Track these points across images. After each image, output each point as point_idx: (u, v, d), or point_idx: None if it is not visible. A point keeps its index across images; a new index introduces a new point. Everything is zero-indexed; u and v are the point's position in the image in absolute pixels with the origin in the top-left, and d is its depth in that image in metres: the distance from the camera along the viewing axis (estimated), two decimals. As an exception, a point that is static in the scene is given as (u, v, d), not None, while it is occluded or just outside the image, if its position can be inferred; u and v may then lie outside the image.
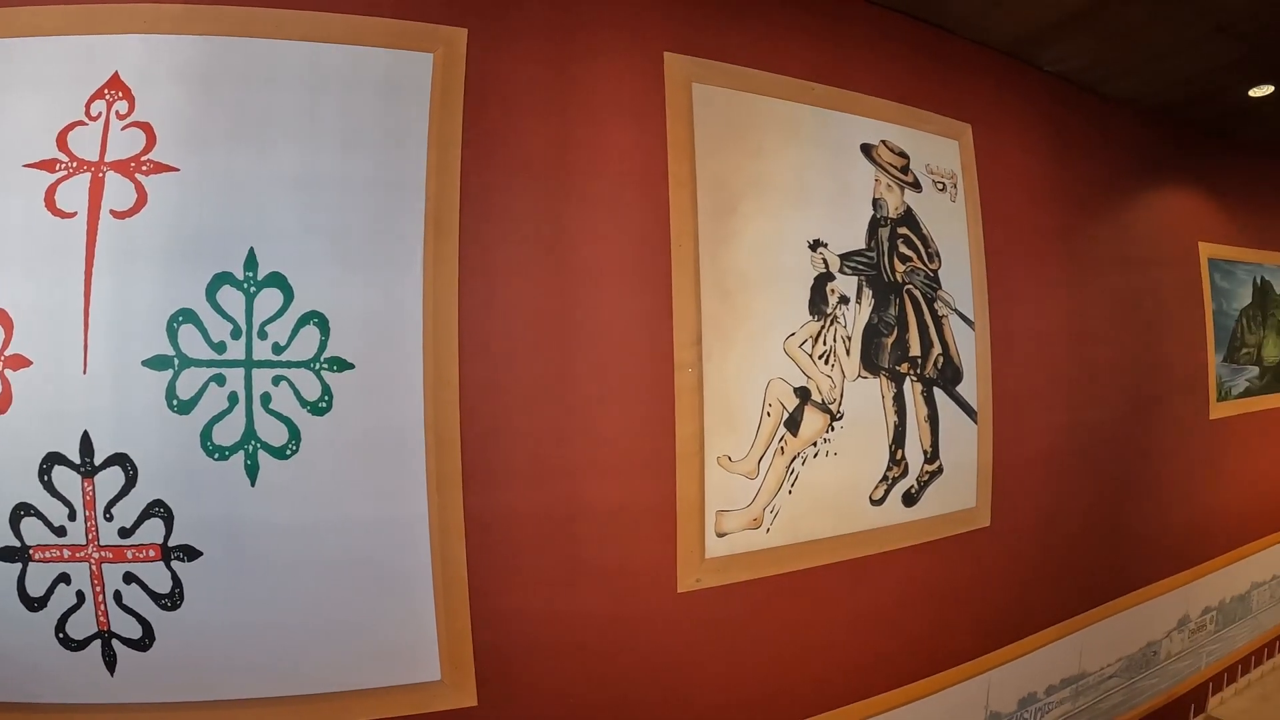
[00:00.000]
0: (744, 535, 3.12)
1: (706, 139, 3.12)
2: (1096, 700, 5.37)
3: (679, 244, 3.01)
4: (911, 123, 3.86)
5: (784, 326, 3.24)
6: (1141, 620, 5.65)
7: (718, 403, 3.01)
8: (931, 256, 3.77)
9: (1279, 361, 6.90)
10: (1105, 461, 5.05)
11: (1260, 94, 5.35)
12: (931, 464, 3.73)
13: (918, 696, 3.95)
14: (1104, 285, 5.03)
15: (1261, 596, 7.11)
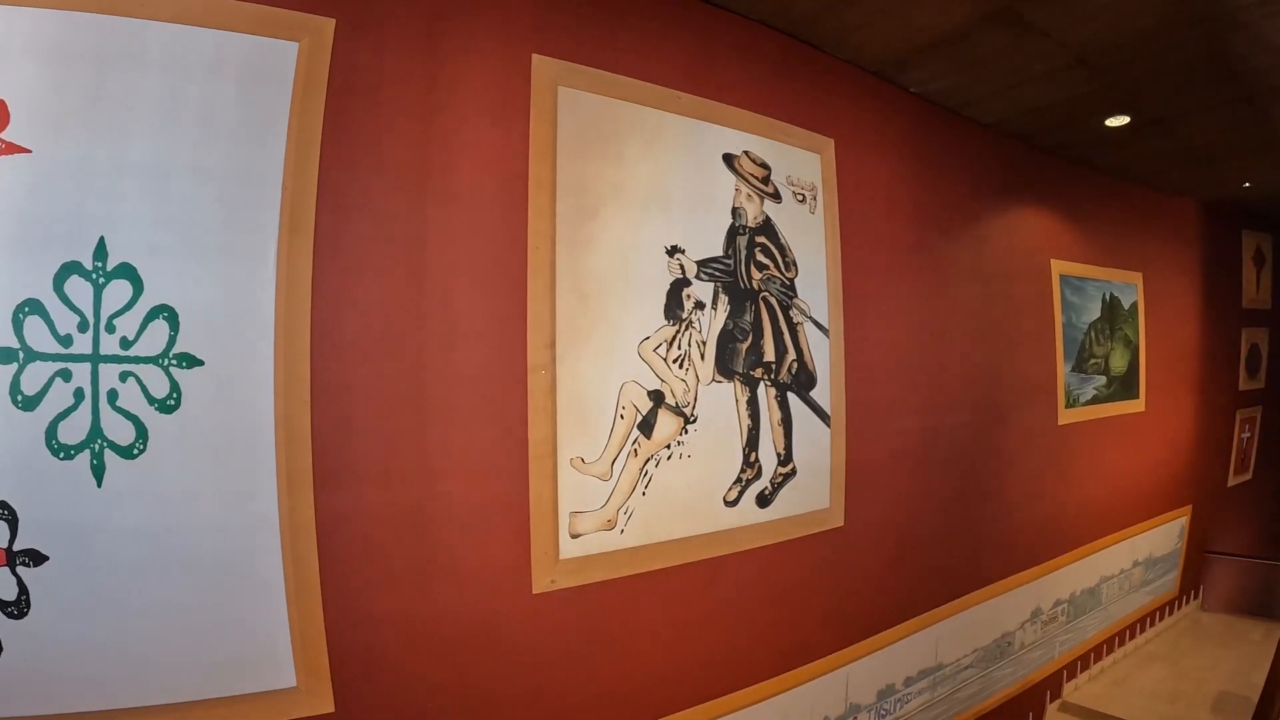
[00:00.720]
0: (598, 536, 3.22)
1: (570, 142, 3.19)
2: (954, 690, 5.75)
3: (536, 246, 3.06)
4: (775, 135, 4.05)
5: (639, 330, 3.34)
6: (995, 613, 6.08)
7: (572, 405, 3.10)
8: (789, 265, 3.97)
9: (1126, 371, 7.54)
10: (957, 464, 5.41)
11: (1116, 124, 5.82)
12: (785, 466, 3.93)
13: (778, 691, 4.16)
14: (958, 297, 5.37)
15: (1110, 589, 7.74)
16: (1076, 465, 6.93)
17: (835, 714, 4.62)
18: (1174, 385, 8.58)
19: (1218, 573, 10.08)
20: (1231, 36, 4.36)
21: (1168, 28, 4.21)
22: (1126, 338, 7.52)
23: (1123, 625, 8.21)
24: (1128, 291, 7.61)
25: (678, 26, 3.69)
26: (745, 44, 3.99)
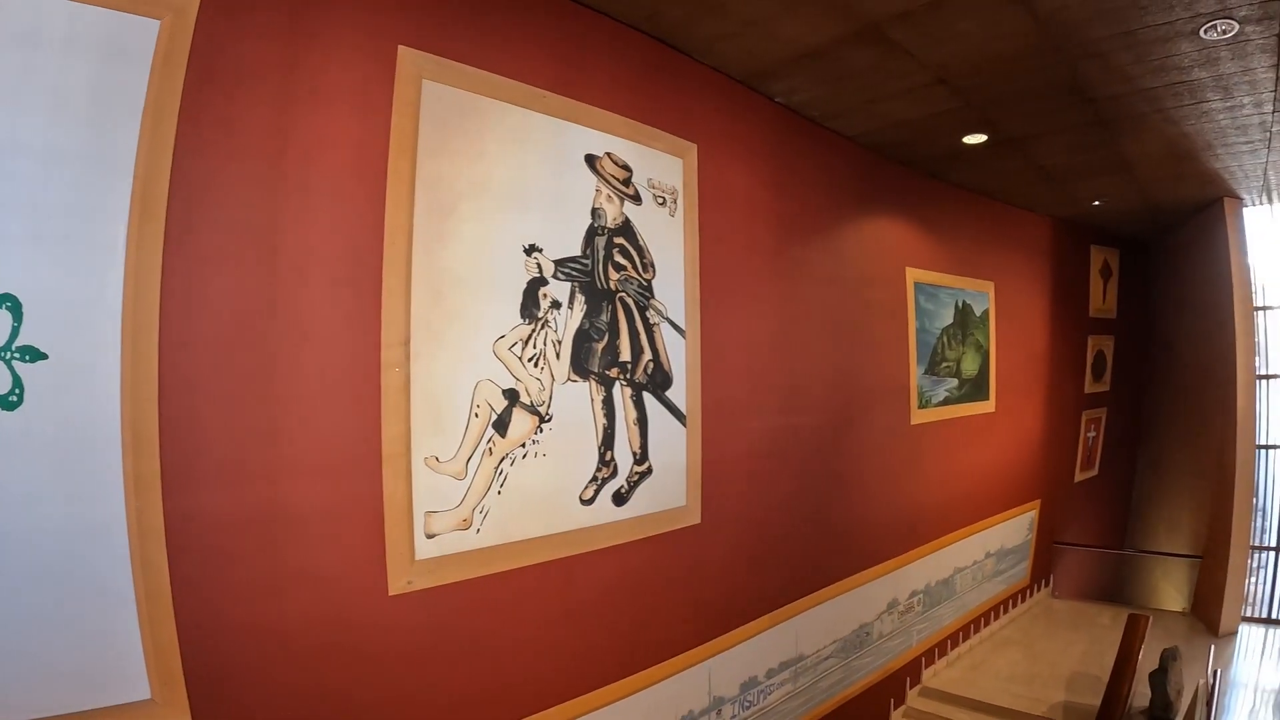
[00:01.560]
0: (454, 536, 3.28)
1: (431, 137, 3.22)
2: (816, 680, 6.11)
3: (392, 242, 3.08)
4: (639, 138, 4.21)
5: (495, 329, 3.41)
6: (854, 605, 6.48)
7: (425, 403, 3.14)
8: (646, 267, 4.16)
9: (977, 374, 8.13)
10: (814, 462, 5.74)
11: (973, 141, 6.31)
12: (641, 465, 4.12)
13: (642, 687, 4.36)
14: (816, 302, 5.71)
15: (964, 579, 8.31)
16: (929, 463, 7.42)
17: (699, 708, 4.86)
18: (1024, 388, 9.27)
19: (1067, 562, 10.94)
20: (1085, 65, 4.79)
21: (1025, 54, 4.61)
22: (978, 342, 8.11)
23: (977, 613, 8.80)
24: (980, 299, 8.19)
25: (549, 26, 3.80)
26: (615, 47, 4.14)
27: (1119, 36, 4.37)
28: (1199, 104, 5.51)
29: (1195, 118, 5.83)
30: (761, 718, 5.54)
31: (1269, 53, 4.59)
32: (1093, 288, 10.95)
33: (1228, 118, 5.84)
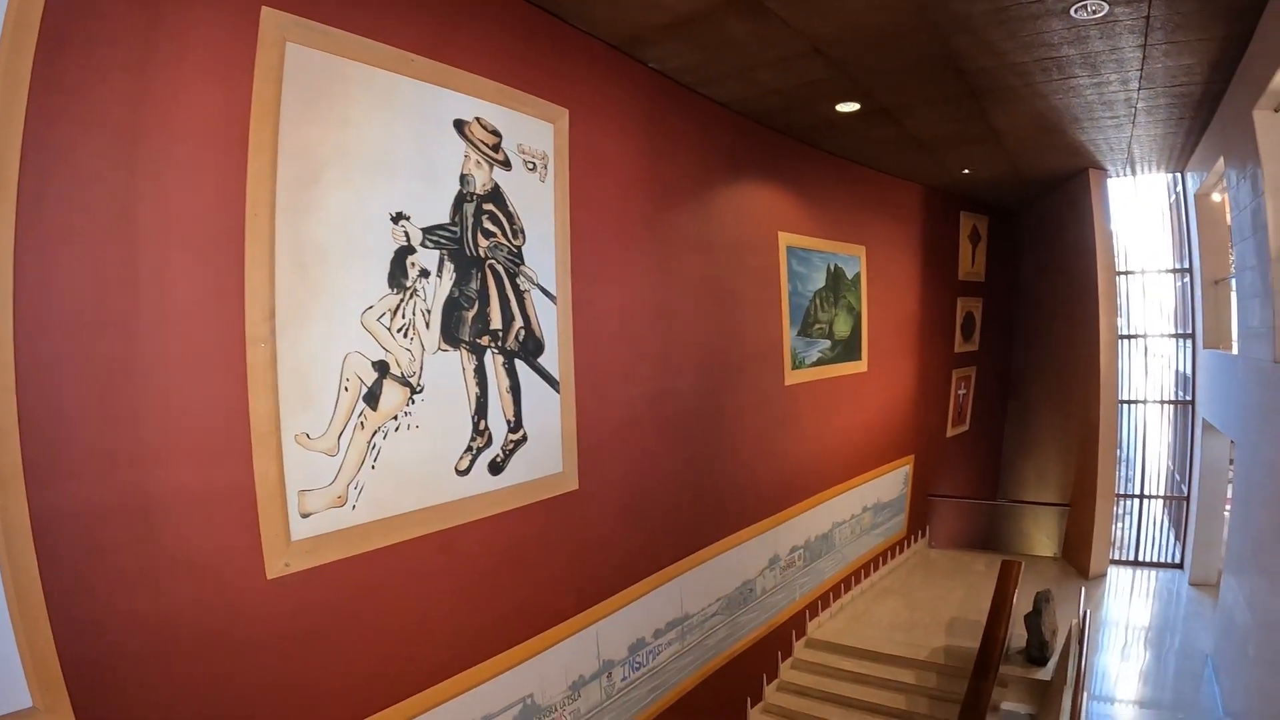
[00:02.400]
0: (330, 514, 3.30)
1: (295, 104, 3.15)
2: (703, 638, 6.44)
3: (255, 214, 3.02)
4: (509, 103, 4.23)
5: (362, 300, 3.40)
6: (735, 563, 6.82)
7: (293, 379, 3.12)
8: (516, 233, 4.21)
9: (849, 335, 8.56)
10: (690, 424, 5.98)
11: (847, 110, 6.59)
12: (516, 433, 4.21)
13: (530, 655, 4.52)
14: (689, 267, 5.91)
15: (843, 533, 8.79)
16: (804, 422, 7.80)
17: (589, 672, 5.08)
18: (895, 348, 9.79)
19: (942, 513, 11.69)
20: (958, 39, 5.06)
21: (899, 27, 4.83)
22: (850, 305, 8.53)
23: (858, 565, 9.34)
24: (852, 263, 8.60)
25: (416, -14, 3.70)
26: (486, 10, 4.13)
27: (992, 12, 4.63)
28: (1067, 79, 5.91)
29: (1063, 93, 6.26)
30: (651, 678, 5.81)
31: (1136, 33, 4.94)
32: (962, 252, 11.63)
33: (1095, 93, 6.28)
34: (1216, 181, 8.24)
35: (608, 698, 5.33)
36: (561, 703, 4.86)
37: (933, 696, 7.41)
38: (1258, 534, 6.63)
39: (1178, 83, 6.04)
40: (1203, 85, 6.10)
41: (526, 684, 4.55)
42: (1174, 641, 9.08)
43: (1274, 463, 6.09)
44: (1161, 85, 6.09)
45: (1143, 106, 6.68)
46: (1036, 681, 7.17)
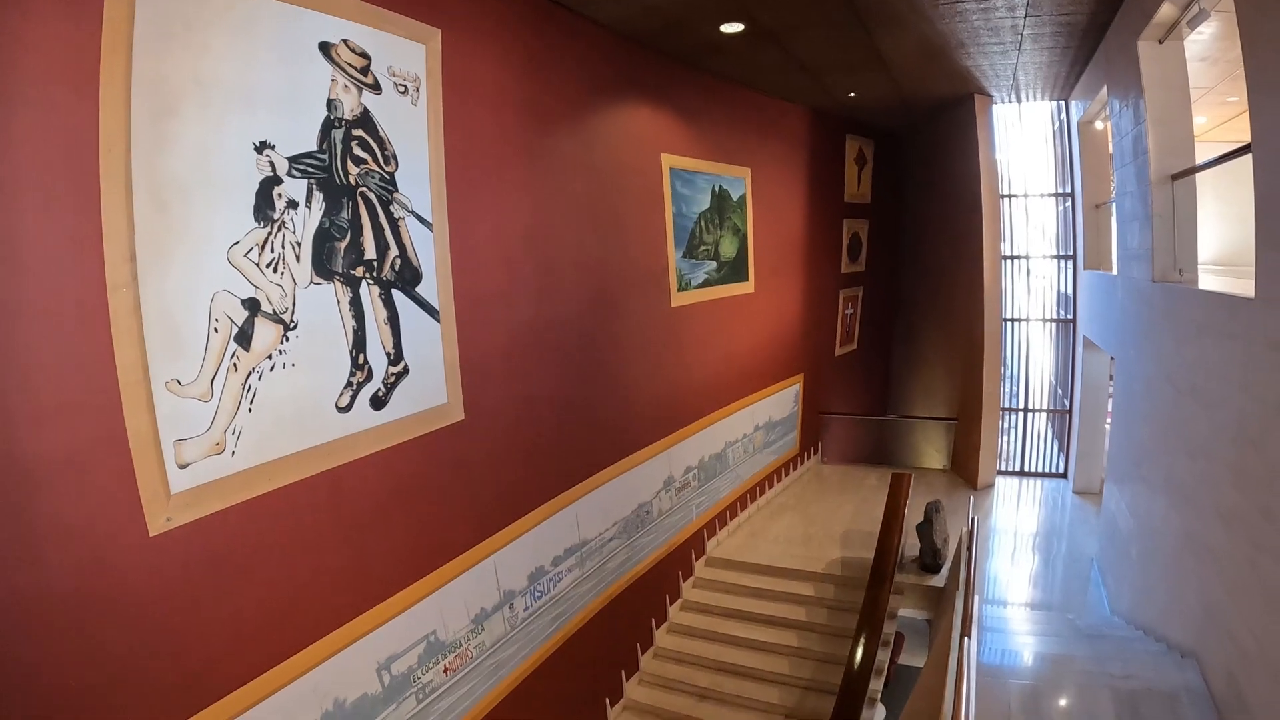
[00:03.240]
0: (209, 463, 3.24)
1: (149, 32, 2.98)
2: (603, 562, 6.64)
3: (109, 150, 2.86)
4: (377, 23, 4.08)
5: (228, 236, 3.29)
6: (630, 487, 7.02)
7: (160, 323, 3.01)
8: (388, 159, 4.14)
9: (735, 257, 8.74)
10: (576, 350, 6.05)
11: (730, 30, 6.58)
12: (396, 365, 4.20)
13: (429, 592, 4.59)
14: (569, 191, 5.92)
15: (736, 453, 9.10)
16: (693, 343, 7.99)
17: (490, 604, 5.20)
18: (782, 269, 10.04)
19: (833, 430, 12.17)
20: None
21: None
22: (735, 226, 8.70)
23: (752, 483, 9.71)
24: (737, 185, 8.75)
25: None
26: None
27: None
28: (954, 5, 6.03)
29: (950, 18, 6.40)
30: (554, 606, 5.98)
31: (1024, -40, 4.99)
32: (848, 175, 11.91)
33: (981, 20, 6.45)
34: (1099, 109, 8.73)
35: (512, 629, 5.47)
36: (465, 637, 4.98)
37: (831, 607, 7.84)
38: (1137, 445, 7.20)
39: (1064, 12, 6.30)
40: (1088, 15, 6.37)
41: (428, 621, 4.65)
42: (1061, 547, 9.84)
43: (1151, 377, 6.61)
44: (1048, 14, 6.33)
45: (1029, 34, 6.93)
46: (931, 588, 7.66)
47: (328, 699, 3.93)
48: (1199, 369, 5.22)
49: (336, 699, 3.98)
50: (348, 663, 4.04)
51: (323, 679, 3.88)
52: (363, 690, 4.17)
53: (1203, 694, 4.78)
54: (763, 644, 7.61)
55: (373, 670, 4.24)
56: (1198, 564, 5.15)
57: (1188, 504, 5.45)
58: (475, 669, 5.11)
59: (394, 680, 4.39)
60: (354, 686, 4.11)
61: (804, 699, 7.00)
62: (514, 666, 5.55)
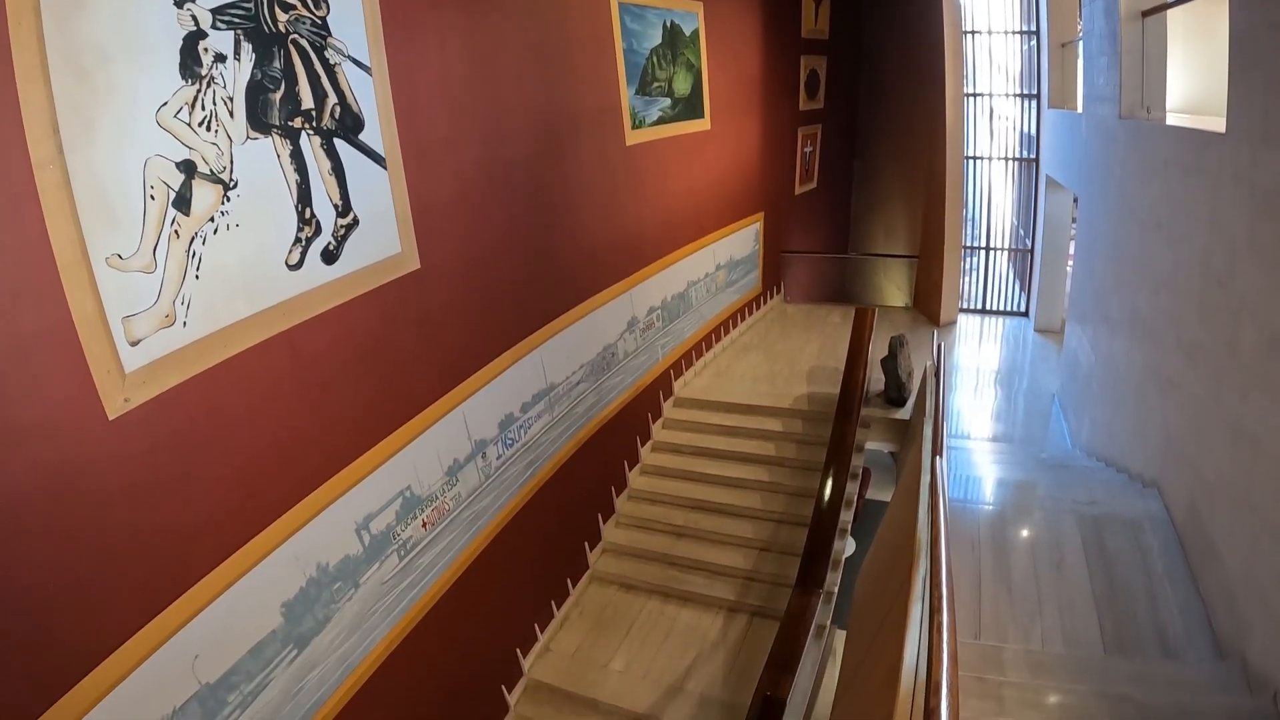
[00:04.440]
0: (161, 336, 3.12)
1: None
2: (572, 406, 6.69)
3: (18, 21, 2.63)
4: None
5: (154, 97, 3.07)
6: (593, 329, 7.00)
7: (92, 197, 2.85)
8: (319, 3, 3.82)
9: (689, 93, 8.42)
10: (530, 192, 5.85)
11: None
12: (345, 217, 4.04)
13: (400, 447, 4.59)
14: (514, 28, 5.56)
15: (699, 292, 9.08)
16: (649, 182, 7.81)
17: (463, 455, 5.23)
18: (739, 106, 9.72)
19: (795, 269, 12.18)
20: None
21: None
22: (689, 62, 8.33)
23: (716, 323, 9.75)
24: (689, 19, 8.31)
25: None
26: None
27: None
28: None
29: None
30: (527, 452, 6.05)
31: None
32: (805, 10, 11.38)
33: None
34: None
35: (486, 478, 5.54)
36: (441, 490, 5.03)
37: (800, 442, 8.03)
38: (1099, 282, 7.28)
39: None
40: None
41: (402, 477, 4.67)
42: (1022, 384, 10.13)
43: (1115, 214, 6.60)
44: None
45: None
46: (896, 421, 7.84)
47: (310, 565, 3.96)
48: (1164, 205, 5.23)
49: (319, 564, 4.02)
50: (326, 526, 4.06)
51: (303, 546, 3.90)
52: (344, 552, 4.21)
53: (1164, 521, 5.01)
54: (735, 480, 7.83)
55: (352, 531, 4.28)
56: (1160, 398, 5.30)
57: (1150, 339, 5.56)
58: (454, 521, 5.18)
59: (374, 539, 4.43)
60: (335, 549, 4.15)
61: (778, 532, 7.27)
62: (492, 516, 5.64)
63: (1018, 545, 5.27)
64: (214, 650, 3.43)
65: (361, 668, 4.39)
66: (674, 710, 5.86)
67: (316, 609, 4.03)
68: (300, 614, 3.92)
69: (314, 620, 4.01)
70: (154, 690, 3.15)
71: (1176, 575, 4.56)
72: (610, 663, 6.36)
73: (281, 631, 3.80)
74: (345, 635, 4.25)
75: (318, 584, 4.02)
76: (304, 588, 3.93)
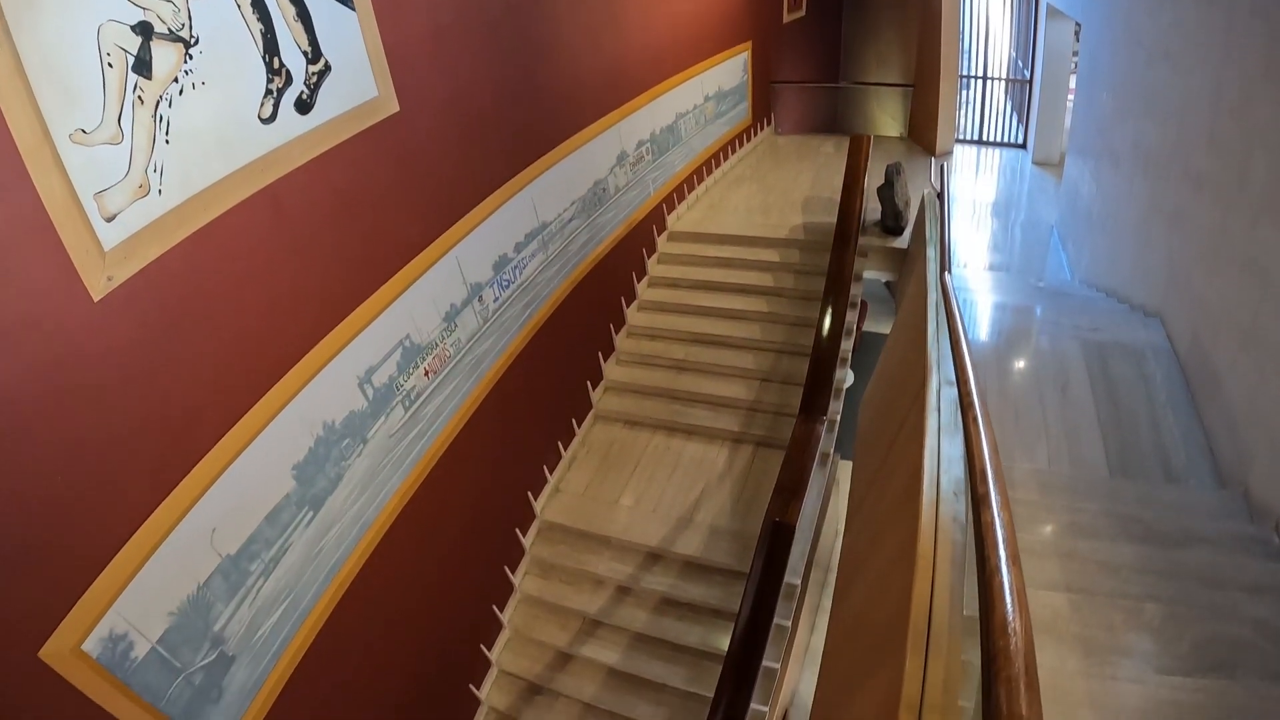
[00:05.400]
0: (137, 208, 3.00)
1: None
2: (565, 245, 6.63)
3: None
4: None
5: None
6: (582, 165, 6.83)
7: (46, 74, 2.66)
8: None
9: None
10: (509, 26, 5.53)
11: None
12: (316, 64, 3.82)
13: (394, 297, 4.53)
14: None
15: (688, 124, 8.84)
16: (632, 12, 7.42)
17: (459, 299, 5.21)
18: None
19: (786, 100, 11.81)
20: None
21: None
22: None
23: (707, 156, 9.53)
24: None
25: None
26: None
27: None
28: None
29: None
30: (523, 293, 6.05)
31: None
32: None
33: None
34: None
35: (484, 321, 5.54)
36: (440, 336, 5.03)
37: (797, 272, 8.00)
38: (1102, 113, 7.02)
39: None
40: None
41: (400, 326, 4.65)
42: (1020, 215, 9.98)
43: (1121, 43, 6.29)
44: None
45: None
46: (894, 250, 7.77)
47: (316, 425, 3.99)
48: (1175, 35, 5.00)
49: (325, 422, 4.06)
50: (328, 384, 4.06)
51: (307, 406, 3.92)
52: (349, 408, 4.24)
53: (1167, 352, 5.04)
54: (733, 312, 7.85)
55: (355, 386, 4.29)
56: (1165, 229, 5.23)
57: (1156, 170, 5.45)
58: (456, 367, 5.21)
59: (378, 392, 4.46)
60: (340, 406, 4.18)
61: (778, 362, 7.35)
62: (493, 360, 5.69)
63: (1022, 369, 5.34)
64: (231, 522, 3.50)
65: (378, 522, 4.52)
66: (685, 542, 6.10)
67: (327, 468, 4.10)
68: (312, 475, 3.98)
69: (326, 480, 4.09)
70: (176, 570, 3.23)
71: (1179, 404, 4.64)
72: (620, 499, 6.58)
73: (295, 495, 3.87)
74: (359, 492, 4.35)
75: (326, 443, 4.07)
76: (312, 448, 3.98)
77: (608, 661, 5.96)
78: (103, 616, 2.92)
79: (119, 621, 2.99)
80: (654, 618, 6.05)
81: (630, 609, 6.13)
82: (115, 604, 2.97)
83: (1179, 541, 3.58)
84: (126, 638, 3.03)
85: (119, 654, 3.01)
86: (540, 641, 6.21)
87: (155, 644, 3.17)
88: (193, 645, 3.35)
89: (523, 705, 6.02)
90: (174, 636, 3.25)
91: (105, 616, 2.93)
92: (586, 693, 5.92)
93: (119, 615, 2.99)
